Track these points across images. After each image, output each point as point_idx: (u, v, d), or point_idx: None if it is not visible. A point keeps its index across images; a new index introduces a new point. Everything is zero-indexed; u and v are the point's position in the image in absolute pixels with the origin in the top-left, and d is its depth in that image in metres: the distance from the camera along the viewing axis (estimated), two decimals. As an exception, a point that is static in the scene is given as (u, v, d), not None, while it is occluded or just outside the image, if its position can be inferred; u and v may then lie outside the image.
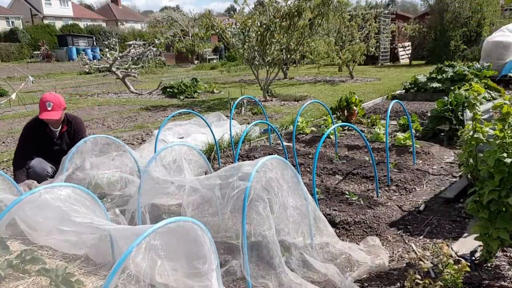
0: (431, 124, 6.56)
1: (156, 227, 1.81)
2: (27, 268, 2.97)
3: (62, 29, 47.40)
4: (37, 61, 35.81)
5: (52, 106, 4.45)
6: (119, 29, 51.46)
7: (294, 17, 10.41)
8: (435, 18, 21.78)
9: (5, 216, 2.31)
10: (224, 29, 11.72)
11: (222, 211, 3.60)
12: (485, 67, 9.94)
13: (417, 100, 10.26)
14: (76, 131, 4.83)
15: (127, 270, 2.33)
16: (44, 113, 4.45)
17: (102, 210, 2.82)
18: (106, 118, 9.97)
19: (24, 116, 10.57)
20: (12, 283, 2.83)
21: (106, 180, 4.69)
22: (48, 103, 4.43)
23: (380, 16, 21.21)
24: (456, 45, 20.80)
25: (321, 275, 2.87)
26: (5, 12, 51.91)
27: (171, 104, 12.03)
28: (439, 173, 5.05)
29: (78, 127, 4.86)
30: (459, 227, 3.64)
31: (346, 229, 3.65)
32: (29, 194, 2.45)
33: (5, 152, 6.92)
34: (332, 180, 4.93)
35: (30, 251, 3.10)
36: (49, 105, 4.44)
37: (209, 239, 2.06)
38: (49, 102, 4.44)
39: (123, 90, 15.28)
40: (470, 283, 2.71)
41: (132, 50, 16.82)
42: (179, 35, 28.74)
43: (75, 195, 2.68)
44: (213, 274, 2.12)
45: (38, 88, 15.19)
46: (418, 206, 4.12)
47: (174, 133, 6.80)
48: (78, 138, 4.55)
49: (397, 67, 21.62)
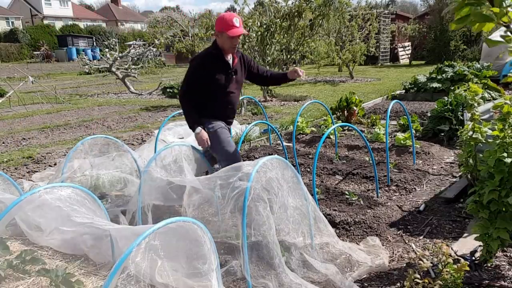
0: (431, 124, 6.56)
1: (156, 227, 1.81)
2: (27, 268, 2.97)
3: (62, 30, 47.40)
4: (37, 61, 35.83)
5: (239, 22, 3.80)
6: (119, 29, 51.46)
7: (295, 18, 10.42)
8: (435, 18, 21.78)
9: (5, 217, 2.31)
10: (224, 29, 11.70)
11: (222, 211, 3.60)
12: (485, 67, 9.94)
13: (417, 100, 10.26)
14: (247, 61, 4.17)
15: (127, 270, 2.33)
16: (234, 29, 3.75)
17: (102, 210, 2.82)
18: (106, 118, 9.97)
19: (24, 116, 10.57)
20: (12, 283, 2.83)
21: (106, 181, 4.70)
22: (235, 19, 3.77)
23: (380, 16, 21.22)
24: (456, 45, 20.81)
25: (321, 275, 2.87)
26: (5, 12, 51.91)
27: (171, 104, 12.04)
28: (439, 173, 5.06)
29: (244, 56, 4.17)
30: (459, 227, 3.64)
31: (346, 229, 3.65)
32: (29, 194, 2.45)
33: (5, 153, 6.92)
34: (332, 180, 4.93)
35: (30, 251, 3.10)
36: (236, 21, 3.78)
37: (209, 239, 2.06)
38: (235, 18, 3.79)
39: (123, 90, 15.28)
40: (470, 283, 2.71)
41: (132, 50, 16.84)
42: (179, 35, 28.67)
43: (75, 195, 2.69)
44: (213, 274, 2.12)
45: (38, 89, 15.19)
46: (418, 206, 4.12)
47: (174, 133, 6.80)
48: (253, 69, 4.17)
49: (397, 67, 21.63)
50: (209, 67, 3.86)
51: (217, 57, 3.88)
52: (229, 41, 3.78)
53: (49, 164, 6.11)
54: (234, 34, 3.73)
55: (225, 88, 3.93)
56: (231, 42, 3.78)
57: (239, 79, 4.04)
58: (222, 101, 3.96)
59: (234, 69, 3.95)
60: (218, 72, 3.87)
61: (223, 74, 3.89)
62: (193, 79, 3.89)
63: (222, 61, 3.89)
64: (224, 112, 4.02)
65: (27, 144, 7.56)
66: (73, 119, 10.01)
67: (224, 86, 3.92)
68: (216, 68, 3.88)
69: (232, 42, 3.79)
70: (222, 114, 4.01)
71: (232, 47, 3.84)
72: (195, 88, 3.89)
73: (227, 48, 3.85)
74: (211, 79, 3.85)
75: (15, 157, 6.53)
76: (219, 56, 3.88)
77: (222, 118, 3.99)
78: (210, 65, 3.87)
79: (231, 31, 3.73)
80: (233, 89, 3.98)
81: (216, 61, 3.88)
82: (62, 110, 11.43)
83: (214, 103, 3.95)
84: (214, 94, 3.92)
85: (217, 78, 3.87)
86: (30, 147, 7.23)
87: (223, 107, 3.99)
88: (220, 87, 3.91)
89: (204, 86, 3.86)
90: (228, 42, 3.79)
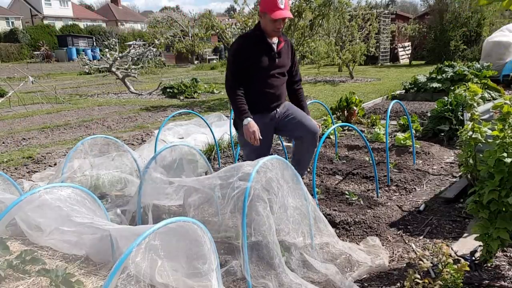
0: (431, 124, 6.57)
1: (156, 227, 1.81)
2: (27, 268, 2.97)
3: (62, 30, 47.42)
4: (37, 61, 35.83)
5: (284, 3, 3.48)
6: (119, 29, 51.47)
7: (294, 17, 10.41)
8: (435, 18, 21.78)
9: (5, 217, 2.31)
10: (224, 29, 11.72)
11: (222, 211, 3.60)
12: (485, 67, 9.94)
13: (417, 100, 10.26)
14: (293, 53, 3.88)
15: (127, 270, 2.33)
16: (278, 12, 3.43)
17: (102, 210, 2.82)
18: (106, 118, 9.98)
19: (24, 116, 10.58)
20: (12, 283, 2.83)
21: (106, 181, 4.70)
22: (281, 0, 3.43)
23: (380, 16, 21.22)
24: (456, 45, 20.80)
25: (321, 275, 2.87)
26: (5, 12, 51.92)
27: (171, 104, 12.04)
28: (439, 173, 5.06)
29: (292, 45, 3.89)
30: (459, 227, 3.64)
31: (346, 229, 3.65)
32: (29, 194, 2.45)
33: (5, 153, 6.92)
34: (332, 180, 4.93)
35: (30, 251, 3.10)
36: (282, 2, 3.44)
37: (209, 239, 2.06)
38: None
39: (123, 90, 15.29)
40: (470, 283, 2.71)
41: (132, 50, 16.84)
42: (179, 35, 28.72)
43: (75, 195, 2.69)
44: (213, 274, 2.12)
45: (38, 89, 15.20)
46: (418, 206, 4.13)
47: (174, 133, 6.81)
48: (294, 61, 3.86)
49: (397, 67, 21.63)
50: (250, 49, 3.58)
51: (259, 39, 3.58)
52: (271, 24, 3.47)
53: (49, 164, 6.11)
54: (277, 16, 3.41)
55: (267, 71, 3.62)
56: (273, 25, 3.47)
57: (284, 63, 3.71)
58: (263, 85, 3.64)
59: (278, 52, 3.63)
60: (260, 54, 3.57)
61: (265, 56, 3.58)
62: (234, 64, 3.62)
63: (265, 43, 3.58)
64: (264, 97, 3.67)
65: (27, 144, 7.56)
66: (73, 119, 10.01)
67: (267, 69, 3.61)
68: (258, 50, 3.57)
69: (275, 25, 3.47)
70: (263, 99, 3.67)
71: (274, 31, 3.52)
72: (239, 74, 3.60)
73: (270, 31, 3.53)
74: (252, 61, 3.56)
75: (15, 157, 6.53)
76: (262, 38, 3.58)
77: (263, 104, 3.68)
78: (251, 47, 3.58)
79: (274, 13, 3.42)
80: (276, 73, 3.66)
81: (258, 43, 3.58)
82: (62, 110, 11.43)
83: (254, 88, 3.63)
84: (255, 78, 3.62)
85: (258, 60, 3.57)
86: (30, 147, 7.23)
87: (264, 92, 3.66)
88: (262, 70, 3.60)
89: (246, 69, 3.58)
90: (271, 25, 3.48)
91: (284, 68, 3.72)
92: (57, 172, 4.58)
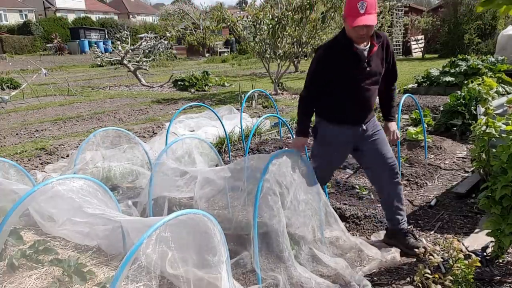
0: (443, 119, 6.50)
1: (166, 219, 1.82)
2: (40, 258, 3.02)
3: (75, 22, 47.65)
4: (50, 53, 36.11)
5: (366, 7, 2.84)
6: (130, 22, 51.59)
7: (306, 10, 10.33)
8: (449, 11, 21.48)
9: (18, 207, 2.34)
10: (235, 22, 11.69)
11: (233, 204, 3.62)
12: (499, 61, 9.79)
13: (429, 94, 10.15)
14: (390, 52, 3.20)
15: (138, 261, 2.35)
16: (357, 18, 2.85)
17: (114, 202, 2.85)
18: (117, 110, 10.04)
19: (37, 108, 10.69)
20: (26, 272, 2.88)
21: (118, 172, 4.74)
22: (361, 4, 2.83)
23: (393, 9, 20.98)
24: (470, 39, 20.50)
25: (330, 269, 2.88)
26: (18, 5, 52.34)
27: (182, 97, 12.07)
28: (451, 168, 5.01)
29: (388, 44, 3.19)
30: (471, 222, 3.61)
31: (356, 223, 3.65)
32: (42, 185, 2.48)
33: (19, 144, 7.01)
34: (342, 174, 4.92)
35: (43, 241, 3.15)
36: (363, 5, 2.84)
37: (219, 231, 2.07)
38: (362, 1, 2.84)
39: (134, 83, 15.36)
40: (481, 278, 2.69)
41: (143, 43, 16.88)
42: (190, 28, 28.74)
43: (87, 187, 2.71)
44: (223, 266, 2.13)
45: (51, 81, 15.33)
46: (429, 201, 4.10)
47: (185, 126, 6.84)
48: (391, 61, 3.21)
49: (410, 60, 21.40)
50: (335, 58, 3.06)
51: (345, 47, 3.02)
52: (353, 31, 2.93)
53: (62, 156, 6.18)
54: (354, 24, 2.86)
55: (355, 83, 3.07)
56: (355, 32, 2.92)
57: (376, 71, 3.11)
58: (350, 98, 3.11)
59: (368, 60, 3.03)
60: (345, 65, 3.05)
61: (352, 67, 3.05)
62: (315, 74, 3.16)
63: (352, 51, 3.01)
64: (351, 111, 3.13)
65: (40, 135, 7.65)
66: (85, 111, 10.09)
67: (354, 81, 3.07)
68: (344, 60, 3.04)
69: (357, 32, 2.91)
70: (348, 113, 3.15)
71: (358, 38, 2.95)
72: (319, 85, 3.15)
73: (354, 39, 2.98)
74: (336, 73, 3.06)
75: (29, 149, 6.62)
76: (348, 46, 3.01)
77: (348, 118, 3.16)
78: (336, 56, 3.06)
79: (352, 20, 2.87)
80: (366, 85, 3.08)
81: (344, 52, 3.03)
82: (75, 102, 11.53)
83: (339, 101, 3.15)
84: (340, 90, 3.11)
85: (344, 72, 3.06)
86: (43, 139, 7.32)
87: (350, 106, 3.13)
88: (349, 82, 3.08)
89: (328, 82, 3.10)
90: (353, 32, 2.94)
91: (376, 76, 3.13)
92: (70, 163, 4.63)
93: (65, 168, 4.84)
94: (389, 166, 3.17)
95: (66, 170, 4.64)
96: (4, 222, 2.30)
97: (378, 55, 3.08)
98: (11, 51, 35.52)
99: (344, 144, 3.21)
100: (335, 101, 3.16)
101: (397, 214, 3.22)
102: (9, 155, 6.26)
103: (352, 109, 3.14)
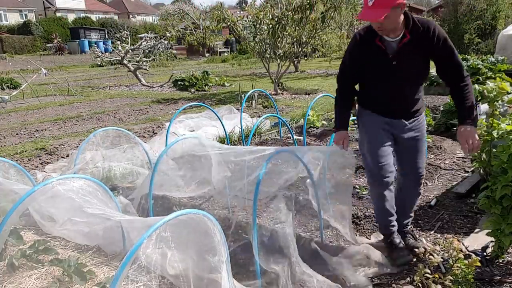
0: (443, 118, 6.50)
1: (166, 219, 1.82)
2: (40, 258, 3.02)
3: (75, 22, 47.61)
4: (50, 53, 36.08)
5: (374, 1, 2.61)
6: (130, 22, 51.56)
7: (306, 10, 10.33)
8: (449, 11, 21.48)
9: (18, 207, 2.34)
10: (235, 21, 11.69)
11: (232, 203, 3.62)
12: (499, 60, 9.79)
13: (429, 94, 10.14)
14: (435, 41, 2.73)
15: (138, 261, 2.36)
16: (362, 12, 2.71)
17: (114, 202, 2.85)
18: (117, 110, 10.04)
19: (37, 108, 10.68)
20: (26, 272, 2.88)
21: (118, 172, 4.74)
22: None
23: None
24: (470, 39, 20.48)
25: (331, 268, 2.87)
26: (18, 5, 52.31)
27: (182, 97, 12.07)
28: (451, 168, 5.01)
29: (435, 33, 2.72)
30: (471, 222, 3.61)
31: (356, 223, 3.64)
32: (42, 185, 2.48)
33: (19, 144, 7.01)
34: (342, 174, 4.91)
35: (43, 241, 3.15)
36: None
37: (219, 231, 2.07)
38: None
39: (134, 83, 15.35)
40: (481, 278, 2.69)
41: (143, 43, 16.87)
42: (190, 28, 28.74)
43: (87, 186, 2.71)
44: (223, 266, 2.13)
45: (51, 81, 15.33)
46: (429, 201, 4.10)
47: (185, 126, 6.84)
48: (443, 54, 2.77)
49: (410, 60, 21.38)
50: (361, 49, 2.88)
51: (370, 37, 2.81)
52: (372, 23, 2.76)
53: (62, 156, 6.18)
54: (359, 17, 2.75)
55: (383, 79, 2.86)
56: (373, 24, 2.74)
57: (408, 67, 2.80)
58: (381, 94, 2.92)
59: (395, 54, 2.76)
60: (369, 57, 2.84)
61: (376, 60, 2.83)
62: (346, 61, 3.01)
63: (375, 43, 2.79)
64: (387, 107, 2.93)
65: (40, 135, 7.64)
66: (85, 111, 10.09)
67: (381, 77, 2.86)
68: (368, 52, 2.84)
69: (374, 24, 2.72)
70: (384, 109, 2.94)
71: (378, 30, 2.73)
72: (348, 77, 3.02)
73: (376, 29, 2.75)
74: (362, 65, 2.90)
75: (29, 148, 6.62)
76: (372, 37, 2.80)
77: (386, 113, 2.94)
78: (362, 47, 2.87)
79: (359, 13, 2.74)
80: (398, 80, 2.83)
81: (369, 43, 2.82)
82: (75, 102, 11.52)
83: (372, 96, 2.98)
84: (371, 86, 2.96)
85: (368, 65, 2.87)
86: (43, 139, 7.32)
87: (386, 102, 2.92)
88: (376, 77, 2.89)
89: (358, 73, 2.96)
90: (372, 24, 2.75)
91: (411, 71, 2.82)
92: (70, 163, 4.63)
93: (65, 168, 4.84)
94: (415, 175, 3.03)
95: (66, 170, 4.64)
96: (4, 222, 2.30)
97: (413, 48, 2.74)
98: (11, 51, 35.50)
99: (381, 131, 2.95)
100: (368, 94, 3.00)
101: (403, 218, 3.18)
102: (9, 155, 6.26)
103: (386, 104, 2.92)
